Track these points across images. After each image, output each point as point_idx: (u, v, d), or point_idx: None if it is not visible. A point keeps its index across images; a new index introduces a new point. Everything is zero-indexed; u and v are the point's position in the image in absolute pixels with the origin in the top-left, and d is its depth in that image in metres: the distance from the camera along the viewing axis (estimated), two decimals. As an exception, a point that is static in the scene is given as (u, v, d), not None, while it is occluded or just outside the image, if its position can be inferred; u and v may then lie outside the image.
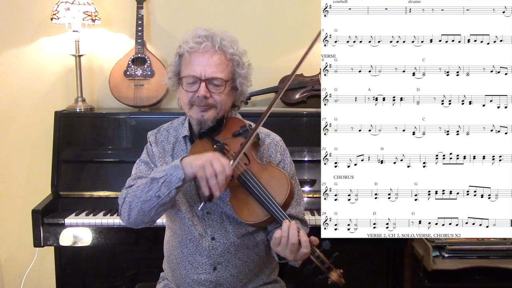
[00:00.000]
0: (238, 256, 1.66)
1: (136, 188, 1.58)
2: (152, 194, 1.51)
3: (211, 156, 1.46)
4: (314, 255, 1.42)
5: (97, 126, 2.55)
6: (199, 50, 1.56)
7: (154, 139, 1.73)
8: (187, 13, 2.78)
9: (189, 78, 1.58)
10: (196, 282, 1.66)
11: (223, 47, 1.58)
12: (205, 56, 1.56)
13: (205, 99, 1.57)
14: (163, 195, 1.50)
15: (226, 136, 1.62)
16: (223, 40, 1.58)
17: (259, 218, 1.49)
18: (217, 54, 1.57)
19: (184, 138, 1.70)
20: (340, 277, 1.40)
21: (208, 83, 1.57)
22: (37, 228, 2.25)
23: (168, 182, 1.49)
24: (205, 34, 1.58)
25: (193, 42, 1.57)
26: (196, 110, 1.60)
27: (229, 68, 1.60)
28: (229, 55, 1.59)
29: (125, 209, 1.60)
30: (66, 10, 2.53)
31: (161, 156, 1.70)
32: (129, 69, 2.65)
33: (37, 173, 2.82)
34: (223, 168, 1.43)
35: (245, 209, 1.51)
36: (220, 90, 1.58)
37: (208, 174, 1.43)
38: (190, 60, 1.58)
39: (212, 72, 1.56)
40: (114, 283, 2.54)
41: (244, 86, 1.65)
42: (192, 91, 1.58)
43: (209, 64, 1.56)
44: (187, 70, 1.59)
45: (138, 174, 1.69)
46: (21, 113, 2.84)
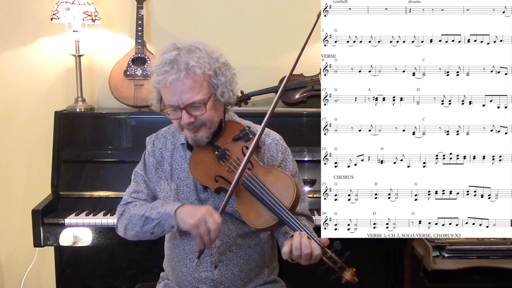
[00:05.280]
0: (239, 254, 1.66)
1: (132, 215, 1.64)
2: (146, 229, 1.60)
3: (204, 214, 1.47)
4: (326, 255, 1.42)
5: (97, 126, 2.55)
6: (167, 83, 1.51)
7: (152, 147, 1.73)
8: (187, 13, 2.78)
9: (169, 108, 1.56)
10: (197, 280, 1.67)
11: (190, 71, 1.51)
12: (177, 85, 1.51)
13: (191, 123, 1.55)
14: (157, 232, 1.60)
15: (226, 140, 1.61)
16: (189, 61, 1.51)
17: (267, 223, 1.49)
18: (186, 81, 1.51)
19: (182, 145, 1.70)
20: (353, 276, 1.41)
21: (189, 108, 1.53)
22: (37, 228, 2.24)
23: (162, 225, 1.57)
24: (170, 60, 1.51)
25: (159, 74, 1.52)
26: (188, 132, 1.60)
27: (205, 85, 1.55)
28: (199, 75, 1.52)
29: (121, 226, 1.68)
30: (66, 10, 2.53)
31: (159, 166, 1.71)
32: (129, 69, 2.64)
33: (37, 173, 2.82)
34: (217, 225, 1.47)
35: (252, 214, 1.51)
36: (202, 111, 1.55)
37: (202, 233, 1.47)
38: (164, 91, 1.55)
39: (188, 97, 1.52)
40: (114, 283, 2.54)
41: (227, 92, 1.61)
42: (177, 118, 1.57)
43: (183, 91, 1.51)
44: (166, 100, 1.56)
45: (135, 188, 1.72)
46: (21, 113, 2.84)
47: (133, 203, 1.69)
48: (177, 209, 1.53)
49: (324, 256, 1.43)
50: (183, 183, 1.67)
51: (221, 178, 1.57)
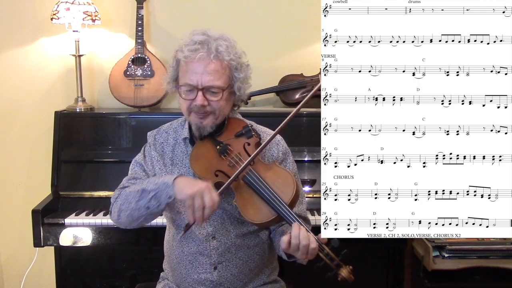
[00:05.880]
0: (238, 255, 1.66)
1: (128, 193, 1.59)
2: (141, 204, 1.53)
3: (203, 188, 1.45)
4: (323, 252, 1.43)
5: (97, 126, 2.55)
6: (195, 59, 1.53)
7: (153, 140, 1.73)
8: (187, 13, 2.78)
9: (186, 86, 1.57)
10: (197, 282, 1.66)
11: (219, 55, 1.54)
12: (201, 65, 1.54)
13: (203, 107, 1.56)
14: (152, 207, 1.52)
15: (229, 136, 1.62)
16: (220, 47, 1.55)
17: (266, 218, 1.50)
18: (213, 63, 1.54)
19: (184, 140, 1.69)
20: (349, 274, 1.41)
21: (205, 92, 1.55)
22: (37, 228, 2.24)
23: (158, 196, 1.51)
24: (201, 40, 1.55)
25: (189, 50, 1.54)
26: (195, 117, 1.59)
27: (226, 75, 1.58)
28: (226, 61, 1.56)
29: (115, 209, 1.62)
30: (66, 10, 2.53)
31: (160, 159, 1.70)
32: (129, 69, 2.65)
33: (37, 173, 2.82)
34: (213, 203, 1.44)
35: (251, 209, 1.51)
36: (217, 98, 1.56)
37: (197, 206, 1.43)
38: (186, 68, 1.56)
39: (209, 80, 1.54)
40: (114, 283, 2.54)
41: (243, 89, 1.63)
42: (190, 99, 1.57)
43: (205, 73, 1.53)
44: (184, 78, 1.57)
45: (133, 175, 1.69)
46: (21, 113, 2.83)
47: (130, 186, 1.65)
48: (175, 178, 1.50)
49: (321, 253, 1.43)
50: None
51: (221, 172, 1.57)
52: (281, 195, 1.49)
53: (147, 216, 1.56)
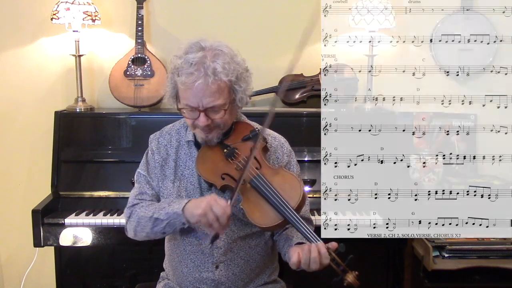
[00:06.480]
0: (240, 255, 1.66)
1: (140, 217, 1.63)
2: (157, 230, 1.60)
3: (210, 202, 1.46)
4: (330, 257, 1.42)
5: (97, 126, 2.55)
6: (193, 87, 1.50)
7: (157, 144, 1.72)
8: (187, 13, 2.77)
9: (188, 108, 1.55)
10: (198, 281, 1.67)
11: (217, 76, 1.50)
12: (200, 89, 1.50)
13: (207, 126, 1.56)
14: (168, 232, 1.62)
15: (236, 140, 1.62)
16: (216, 67, 1.49)
17: (272, 222, 1.50)
18: (211, 86, 1.50)
19: (188, 142, 1.69)
20: (355, 279, 1.41)
21: (208, 111, 1.54)
22: (37, 228, 2.25)
23: (172, 224, 1.57)
24: (196, 62, 1.49)
25: (185, 75, 1.50)
26: (200, 132, 1.60)
27: (227, 91, 1.54)
28: (226, 80, 1.52)
29: (130, 229, 1.67)
30: (66, 10, 2.53)
31: (164, 163, 1.70)
32: (129, 69, 2.64)
33: (37, 173, 2.82)
34: (223, 210, 1.45)
35: (257, 213, 1.52)
36: (220, 115, 1.55)
37: (211, 220, 1.45)
38: (185, 93, 1.53)
39: (209, 101, 1.52)
40: (114, 283, 2.54)
41: (245, 98, 1.61)
42: (193, 119, 1.56)
43: (205, 95, 1.51)
44: (184, 99, 1.54)
45: (140, 190, 1.71)
46: (21, 113, 2.83)
47: (139, 205, 1.67)
48: (184, 207, 1.52)
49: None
50: (187, 181, 1.67)
51: (228, 176, 1.58)
52: (288, 200, 1.49)
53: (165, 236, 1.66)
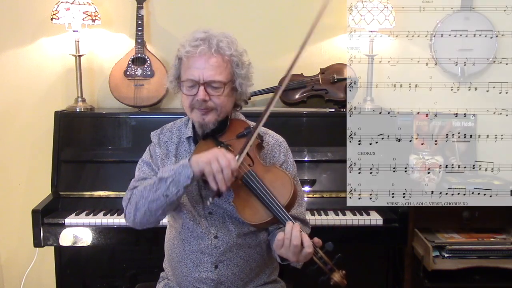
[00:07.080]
0: (240, 255, 1.67)
1: (142, 188, 1.59)
2: (160, 193, 1.53)
3: (217, 152, 1.47)
4: (317, 256, 1.42)
5: (97, 126, 2.55)
6: (196, 54, 1.55)
7: (158, 139, 1.74)
8: (187, 13, 2.78)
9: (188, 82, 1.58)
10: (198, 280, 1.67)
11: (220, 49, 1.57)
12: (203, 60, 1.56)
13: (204, 102, 1.57)
14: (171, 194, 1.52)
15: (230, 137, 1.63)
16: (220, 42, 1.57)
17: (262, 219, 1.50)
18: (214, 57, 1.56)
19: (188, 139, 1.70)
20: (342, 278, 1.41)
21: (207, 86, 1.56)
22: (37, 228, 2.25)
23: (177, 181, 1.50)
24: (202, 37, 1.57)
25: (190, 46, 1.56)
26: (197, 113, 1.60)
27: (228, 70, 1.59)
28: (227, 56, 1.58)
29: (131, 209, 1.61)
30: (66, 10, 2.53)
31: (165, 157, 1.70)
32: (129, 69, 2.65)
33: (37, 173, 2.82)
34: (229, 162, 1.45)
35: (248, 209, 1.52)
36: (219, 93, 1.57)
37: (215, 169, 1.45)
38: (188, 64, 1.58)
39: (210, 75, 1.56)
40: (114, 283, 2.54)
41: (244, 86, 1.64)
42: (192, 95, 1.58)
43: (207, 68, 1.55)
44: (186, 74, 1.59)
45: (141, 175, 1.69)
46: (21, 113, 2.84)
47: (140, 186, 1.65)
48: (190, 158, 1.52)
49: (315, 256, 1.43)
50: None
51: None
52: (278, 197, 1.49)
53: (165, 207, 1.55)
